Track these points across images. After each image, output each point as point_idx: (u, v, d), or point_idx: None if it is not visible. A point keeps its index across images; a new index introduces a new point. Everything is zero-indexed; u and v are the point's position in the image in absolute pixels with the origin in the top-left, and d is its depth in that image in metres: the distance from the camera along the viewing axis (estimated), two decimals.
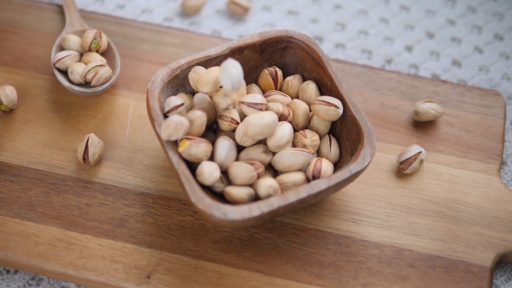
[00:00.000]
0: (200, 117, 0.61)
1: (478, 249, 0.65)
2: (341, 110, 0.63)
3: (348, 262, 0.64)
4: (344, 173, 0.61)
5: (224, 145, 0.61)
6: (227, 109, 0.62)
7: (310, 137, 0.63)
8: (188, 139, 0.60)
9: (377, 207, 0.66)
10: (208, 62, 0.65)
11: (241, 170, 0.60)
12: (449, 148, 0.70)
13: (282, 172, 0.62)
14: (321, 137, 0.65)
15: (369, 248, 0.64)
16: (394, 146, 0.69)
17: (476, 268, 0.64)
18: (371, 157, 0.61)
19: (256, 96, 0.62)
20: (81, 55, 0.71)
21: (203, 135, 0.63)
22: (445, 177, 0.68)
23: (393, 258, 0.64)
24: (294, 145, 0.64)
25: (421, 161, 0.67)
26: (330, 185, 0.60)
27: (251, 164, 0.60)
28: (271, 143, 0.61)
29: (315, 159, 0.62)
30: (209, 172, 0.60)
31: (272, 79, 0.66)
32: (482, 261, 0.64)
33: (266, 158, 0.62)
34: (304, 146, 0.63)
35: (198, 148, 0.60)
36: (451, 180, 0.68)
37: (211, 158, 0.62)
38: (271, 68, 0.66)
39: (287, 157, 0.62)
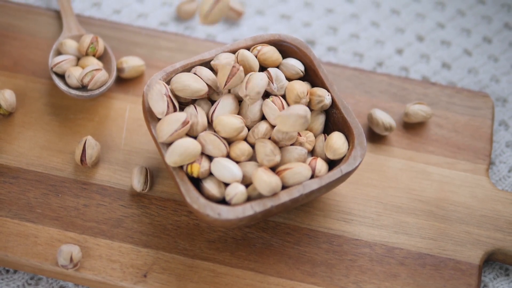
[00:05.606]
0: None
1: (466, 247, 0.66)
2: (328, 98, 0.65)
3: (339, 260, 0.65)
4: (335, 173, 0.62)
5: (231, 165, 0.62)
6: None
7: (304, 135, 0.64)
8: (193, 162, 0.62)
9: (368, 206, 0.67)
10: (202, 66, 0.66)
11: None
12: (439, 149, 0.71)
13: (279, 170, 0.63)
14: (315, 137, 0.66)
15: (361, 247, 0.66)
16: (385, 147, 0.71)
17: (464, 266, 0.65)
18: (362, 157, 0.63)
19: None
20: (78, 59, 0.72)
21: None
22: (435, 177, 0.69)
23: (383, 256, 0.65)
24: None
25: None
26: (322, 185, 0.61)
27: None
28: (276, 135, 0.63)
29: (310, 158, 0.64)
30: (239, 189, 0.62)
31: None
32: (470, 259, 0.65)
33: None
34: (301, 144, 0.64)
35: (206, 164, 0.62)
36: (441, 180, 0.69)
37: None
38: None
39: (282, 155, 0.63)
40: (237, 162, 0.62)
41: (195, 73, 0.65)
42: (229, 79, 0.63)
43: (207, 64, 0.66)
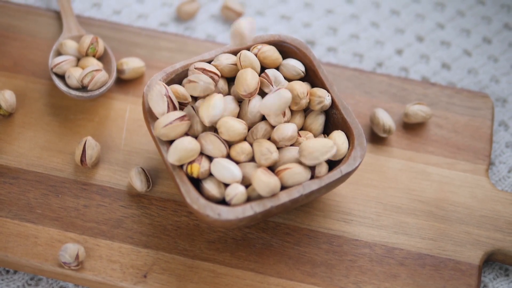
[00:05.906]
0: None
1: (466, 247, 0.66)
2: (328, 99, 0.65)
3: (339, 261, 0.65)
4: (335, 174, 0.62)
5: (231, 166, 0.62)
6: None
7: (304, 135, 0.64)
8: (193, 162, 0.62)
9: (368, 207, 0.68)
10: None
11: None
12: (438, 149, 0.71)
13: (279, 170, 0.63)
14: (315, 137, 0.66)
15: (360, 247, 0.66)
16: (384, 148, 0.71)
17: (464, 266, 0.65)
18: (362, 158, 0.63)
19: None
20: (78, 60, 0.72)
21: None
22: (434, 178, 0.69)
23: (383, 256, 0.65)
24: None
25: None
26: (322, 185, 0.61)
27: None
28: (276, 136, 0.63)
29: None
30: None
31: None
32: (470, 259, 0.65)
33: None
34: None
35: (206, 164, 0.62)
36: (440, 180, 0.69)
37: None
38: None
39: (281, 155, 0.63)
40: (237, 163, 0.62)
41: (195, 68, 0.65)
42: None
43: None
